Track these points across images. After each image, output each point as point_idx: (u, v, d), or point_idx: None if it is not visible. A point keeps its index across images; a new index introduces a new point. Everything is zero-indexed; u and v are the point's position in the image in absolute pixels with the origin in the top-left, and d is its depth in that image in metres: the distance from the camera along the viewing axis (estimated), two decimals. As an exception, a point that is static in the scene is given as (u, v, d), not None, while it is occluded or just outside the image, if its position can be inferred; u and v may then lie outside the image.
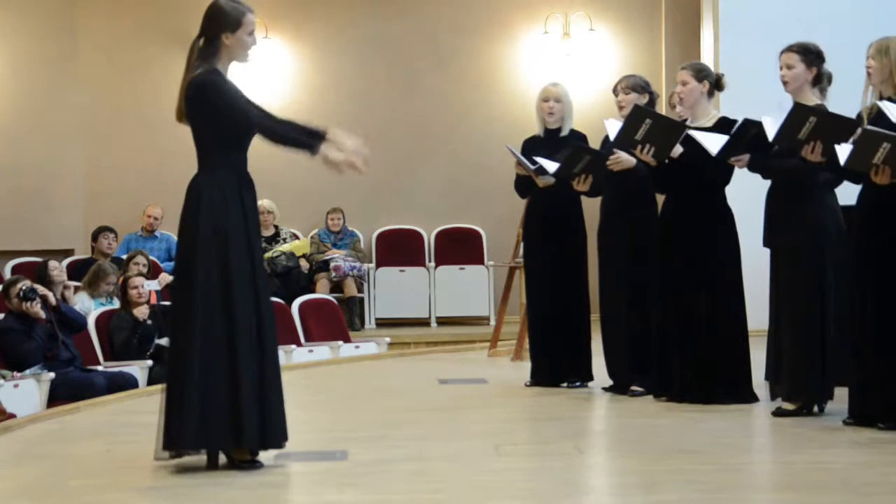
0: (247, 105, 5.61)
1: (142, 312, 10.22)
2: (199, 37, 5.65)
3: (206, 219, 5.54)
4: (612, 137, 7.61)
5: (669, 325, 7.32)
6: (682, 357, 7.28)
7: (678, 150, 7.25)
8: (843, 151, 6.29)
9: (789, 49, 6.92)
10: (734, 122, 7.15)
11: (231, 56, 5.65)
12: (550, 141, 8.17)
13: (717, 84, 7.37)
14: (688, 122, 7.38)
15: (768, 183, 7.07)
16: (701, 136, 7.09)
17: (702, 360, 7.23)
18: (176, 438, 5.53)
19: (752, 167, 7.00)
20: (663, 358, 7.38)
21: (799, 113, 6.51)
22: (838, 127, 6.44)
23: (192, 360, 5.49)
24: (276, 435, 5.60)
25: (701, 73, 7.36)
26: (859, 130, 6.31)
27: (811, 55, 6.89)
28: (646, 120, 7.23)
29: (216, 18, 5.62)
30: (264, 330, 5.58)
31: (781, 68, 6.91)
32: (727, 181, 7.32)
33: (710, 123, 7.26)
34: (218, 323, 5.50)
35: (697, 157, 7.16)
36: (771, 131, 6.60)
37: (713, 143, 7.02)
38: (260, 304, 5.58)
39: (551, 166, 7.94)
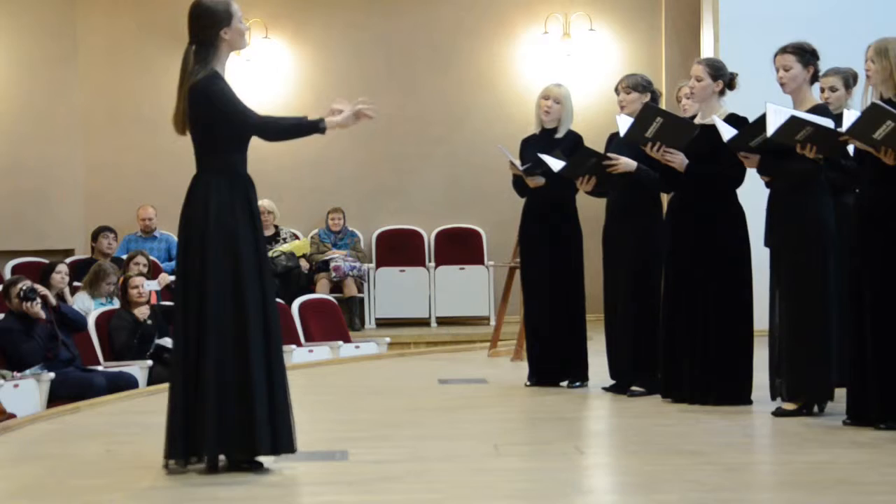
0: (247, 108, 5.61)
1: (142, 312, 10.22)
2: (191, 43, 5.65)
3: (215, 219, 5.52)
4: (622, 133, 7.59)
5: (678, 325, 7.31)
6: (690, 358, 7.27)
7: (684, 162, 7.24)
8: (849, 119, 6.30)
9: (784, 50, 6.90)
10: (743, 119, 7.12)
11: (231, 47, 5.66)
12: (546, 141, 8.17)
13: (729, 84, 7.34)
14: (697, 118, 7.37)
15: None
16: (719, 123, 7.06)
17: (709, 360, 7.21)
18: (194, 443, 5.48)
19: (763, 170, 6.98)
20: (671, 358, 7.37)
21: (794, 122, 6.52)
22: (831, 138, 6.47)
23: (206, 360, 5.47)
24: (287, 439, 5.57)
25: (717, 71, 7.28)
26: (871, 103, 6.32)
27: (807, 54, 6.88)
28: (656, 118, 7.22)
29: (207, 18, 5.61)
30: (271, 331, 5.57)
31: (778, 70, 6.89)
32: (738, 184, 7.29)
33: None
34: (230, 324, 5.49)
35: (707, 167, 7.16)
36: (772, 119, 6.59)
37: (727, 131, 7.00)
38: (267, 305, 5.58)
39: (556, 164, 7.92)
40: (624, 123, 7.59)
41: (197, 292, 5.53)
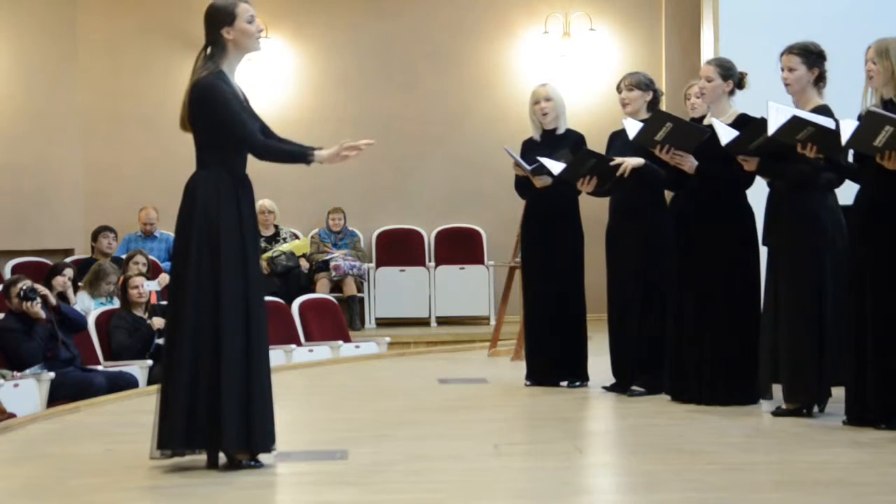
0: (246, 121, 5.58)
1: (142, 313, 10.22)
2: (205, 44, 5.66)
3: (200, 218, 5.54)
4: (630, 136, 7.55)
5: (684, 325, 7.29)
6: (696, 357, 7.25)
7: (693, 164, 7.23)
8: (847, 130, 6.29)
9: (790, 51, 6.87)
10: (753, 119, 7.10)
11: (239, 48, 5.64)
12: (548, 142, 8.18)
13: (739, 83, 7.32)
14: (706, 118, 7.36)
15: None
16: (718, 126, 7.05)
17: (716, 360, 7.20)
18: (166, 438, 5.55)
19: (762, 172, 6.97)
20: (677, 358, 7.36)
21: (795, 122, 6.51)
22: (832, 139, 6.46)
23: (182, 358, 5.51)
24: (261, 438, 5.56)
25: (727, 71, 7.26)
26: (864, 111, 6.30)
27: (812, 56, 6.85)
28: (666, 124, 7.22)
29: (211, 19, 5.63)
30: (252, 330, 5.56)
31: (783, 70, 6.87)
32: (749, 185, 7.27)
33: (729, 120, 7.20)
34: (207, 322, 5.51)
35: (717, 168, 7.15)
36: (774, 118, 6.58)
37: (727, 134, 6.99)
38: (250, 305, 5.57)
39: (555, 167, 7.93)
40: (632, 127, 7.56)
41: (179, 290, 5.57)
